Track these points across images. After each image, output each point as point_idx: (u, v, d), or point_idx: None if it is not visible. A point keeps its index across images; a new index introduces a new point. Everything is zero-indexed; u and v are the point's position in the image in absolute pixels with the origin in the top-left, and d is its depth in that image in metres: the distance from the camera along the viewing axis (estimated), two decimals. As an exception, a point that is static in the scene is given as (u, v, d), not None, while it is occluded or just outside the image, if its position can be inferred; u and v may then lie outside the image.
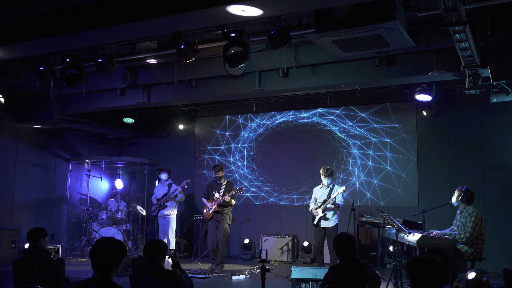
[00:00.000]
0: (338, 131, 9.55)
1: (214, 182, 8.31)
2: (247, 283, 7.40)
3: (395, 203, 8.91)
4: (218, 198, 8.01)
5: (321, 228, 7.49)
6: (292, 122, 10.00)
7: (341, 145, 9.50)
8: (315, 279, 5.70)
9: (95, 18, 5.07)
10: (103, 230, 9.46)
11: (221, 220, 8.04)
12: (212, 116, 10.75)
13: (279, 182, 10.01)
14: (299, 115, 9.93)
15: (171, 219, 9.47)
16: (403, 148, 8.97)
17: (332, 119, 9.61)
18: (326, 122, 9.66)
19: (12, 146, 9.29)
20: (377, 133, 9.20)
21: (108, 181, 11.25)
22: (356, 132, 9.39)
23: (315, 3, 4.48)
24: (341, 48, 5.37)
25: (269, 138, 10.20)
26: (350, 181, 9.34)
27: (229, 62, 5.59)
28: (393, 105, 9.10)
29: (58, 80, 7.68)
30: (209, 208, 8.12)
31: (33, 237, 5.01)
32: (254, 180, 10.24)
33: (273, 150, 10.14)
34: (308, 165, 9.70)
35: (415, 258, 2.79)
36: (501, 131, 8.19)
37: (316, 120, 9.76)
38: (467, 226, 6.08)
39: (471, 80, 6.26)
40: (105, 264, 2.99)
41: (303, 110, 9.88)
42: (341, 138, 9.52)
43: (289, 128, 10.03)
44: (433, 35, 5.86)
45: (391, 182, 9.01)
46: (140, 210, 10.30)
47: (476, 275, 5.77)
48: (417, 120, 8.90)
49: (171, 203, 9.46)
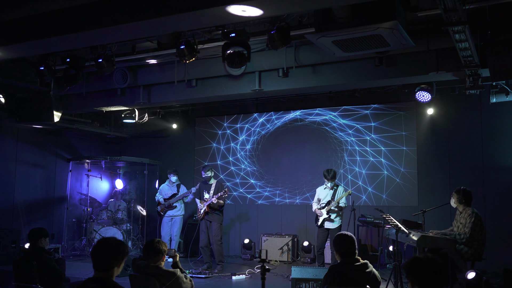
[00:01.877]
0: (338, 131, 9.55)
1: (203, 183, 8.34)
2: (247, 283, 7.40)
3: (395, 203, 8.91)
4: (208, 199, 8.04)
5: (325, 229, 7.51)
6: (292, 122, 10.00)
7: (341, 145, 9.50)
8: (315, 279, 5.70)
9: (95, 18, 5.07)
10: (103, 230, 9.46)
11: (212, 220, 8.08)
12: (212, 116, 10.75)
13: (279, 182, 10.01)
14: (299, 115, 9.93)
15: (179, 220, 9.35)
16: (403, 148, 8.96)
17: (332, 119, 9.61)
18: (326, 122, 9.66)
19: (12, 146, 9.29)
20: (377, 133, 9.20)
21: (108, 181, 11.25)
22: (356, 132, 9.39)
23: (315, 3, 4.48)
24: (341, 48, 5.37)
25: (269, 138, 10.20)
26: (350, 180, 9.34)
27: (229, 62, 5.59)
28: (393, 105, 9.10)
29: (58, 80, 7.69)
30: (199, 208, 8.16)
31: (34, 237, 5.02)
32: (254, 180, 10.24)
33: (273, 150, 10.14)
34: (308, 165, 9.70)
35: (414, 258, 2.79)
36: (501, 131, 8.19)
37: (316, 120, 9.76)
38: (466, 227, 6.08)
39: (471, 80, 6.26)
40: (106, 264, 2.98)
41: (303, 110, 9.88)
42: (341, 138, 9.51)
43: (289, 128, 10.03)
44: (433, 35, 5.86)
45: (391, 182, 9.01)
46: (140, 210, 10.30)
47: (476, 275, 5.77)
48: (417, 120, 8.90)
49: (179, 204, 9.36)
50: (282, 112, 10.08)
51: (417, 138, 8.87)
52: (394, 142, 9.06)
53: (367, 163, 9.26)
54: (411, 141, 8.90)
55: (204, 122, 10.87)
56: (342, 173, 9.40)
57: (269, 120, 10.22)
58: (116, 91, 8.39)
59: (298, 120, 9.95)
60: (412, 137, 8.90)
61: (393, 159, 9.04)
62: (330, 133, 9.61)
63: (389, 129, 9.11)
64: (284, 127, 10.07)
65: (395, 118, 9.07)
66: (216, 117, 10.71)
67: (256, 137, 10.32)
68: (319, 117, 9.74)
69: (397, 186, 8.95)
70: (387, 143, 9.11)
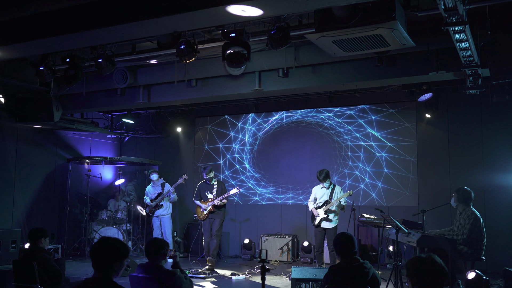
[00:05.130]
0: (338, 130, 9.54)
1: (204, 183, 8.36)
2: (247, 283, 7.40)
3: (395, 203, 8.91)
4: (212, 199, 8.07)
5: (322, 229, 7.50)
6: (292, 122, 10.00)
7: (341, 144, 9.50)
8: (315, 279, 5.70)
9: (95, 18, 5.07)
10: (103, 230, 9.46)
11: (216, 218, 8.21)
12: (212, 116, 10.75)
13: (279, 182, 10.01)
14: (299, 115, 9.93)
15: (168, 219, 9.42)
16: (403, 148, 8.97)
17: (332, 119, 9.61)
18: (326, 122, 9.66)
19: (12, 146, 9.29)
20: (377, 133, 9.20)
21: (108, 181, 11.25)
22: (355, 132, 9.39)
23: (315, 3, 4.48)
24: (341, 48, 5.36)
25: (269, 138, 10.20)
26: (350, 180, 9.34)
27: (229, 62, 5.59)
28: (393, 105, 9.10)
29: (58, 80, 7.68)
30: (203, 209, 8.17)
31: (34, 237, 5.01)
32: (254, 180, 10.24)
33: (273, 150, 10.14)
34: (308, 164, 9.70)
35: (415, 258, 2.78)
36: (501, 131, 8.19)
37: (316, 120, 9.76)
38: (465, 228, 6.09)
39: (471, 80, 6.25)
40: (106, 264, 2.96)
41: (303, 110, 9.88)
42: (341, 137, 9.51)
43: (289, 128, 10.03)
44: (433, 35, 5.85)
45: (391, 182, 9.01)
46: (140, 210, 10.29)
47: (476, 275, 5.77)
48: (417, 120, 8.90)
49: (166, 203, 9.39)
50: (282, 112, 10.08)
51: (417, 138, 8.87)
52: (394, 142, 9.06)
53: (367, 163, 9.25)
54: (411, 141, 8.90)
55: (204, 122, 10.87)
56: (342, 173, 9.40)
57: (269, 120, 10.22)
58: (116, 91, 8.39)
59: (298, 120, 9.95)
60: (412, 137, 8.90)
61: (392, 159, 9.04)
62: (330, 133, 9.61)
63: (389, 129, 9.11)
64: (284, 127, 10.07)
65: (395, 118, 9.06)
66: (216, 117, 10.71)
67: (256, 137, 10.32)
68: (319, 117, 9.74)
69: (397, 186, 8.94)
70: (387, 143, 9.11)
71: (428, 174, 8.72)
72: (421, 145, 8.85)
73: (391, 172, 9.03)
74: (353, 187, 9.23)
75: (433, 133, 8.78)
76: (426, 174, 8.75)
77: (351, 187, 9.22)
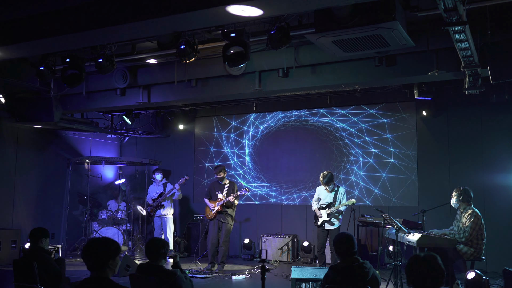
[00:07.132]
0: (338, 131, 9.54)
1: (216, 183, 8.32)
2: (247, 283, 7.40)
3: (395, 203, 8.91)
4: (222, 199, 8.03)
5: (325, 229, 7.52)
6: (292, 122, 10.00)
7: (341, 145, 9.50)
8: (315, 279, 5.70)
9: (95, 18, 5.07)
10: (103, 230, 9.46)
11: (225, 221, 8.08)
12: (212, 116, 10.75)
13: (279, 182, 10.01)
14: (299, 115, 9.93)
15: (169, 219, 9.43)
16: (403, 148, 8.97)
17: (332, 119, 9.61)
18: (326, 122, 9.66)
19: (12, 146, 9.29)
20: (377, 133, 9.20)
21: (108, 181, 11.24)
22: (356, 131, 9.39)
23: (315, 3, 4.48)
24: (341, 48, 5.37)
25: (269, 138, 10.20)
26: (350, 180, 9.34)
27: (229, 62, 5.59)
28: (393, 105, 9.09)
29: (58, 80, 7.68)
30: (211, 208, 8.14)
31: (35, 237, 5.01)
32: (254, 180, 10.24)
33: (273, 150, 10.14)
34: (308, 165, 9.70)
35: (414, 256, 2.79)
36: (501, 131, 8.19)
37: (316, 120, 9.76)
38: (466, 227, 6.09)
39: (471, 80, 6.26)
40: (97, 263, 3.00)
41: (303, 110, 9.88)
42: (341, 138, 9.51)
43: (289, 128, 10.03)
44: (433, 35, 5.86)
45: (391, 182, 9.01)
46: (140, 210, 10.29)
47: (476, 275, 5.77)
48: (417, 120, 8.90)
49: (168, 203, 9.41)
50: (282, 112, 10.08)
51: (417, 138, 8.87)
52: (394, 142, 9.05)
53: (367, 163, 9.25)
54: (411, 141, 8.90)
55: (204, 122, 10.87)
56: (342, 173, 9.40)
57: (269, 120, 10.22)
58: (116, 91, 8.39)
59: (298, 120, 9.95)
60: (412, 137, 8.90)
61: (392, 159, 9.04)
62: (330, 133, 9.60)
63: (389, 129, 9.11)
64: (284, 127, 10.07)
65: (395, 118, 9.06)
66: (216, 117, 10.71)
67: (256, 137, 10.32)
68: (319, 117, 9.73)
69: (397, 186, 8.94)
70: (387, 143, 9.11)
71: (428, 174, 8.72)
72: (421, 145, 8.84)
73: (391, 172, 9.02)
74: (353, 187, 9.23)
75: (433, 133, 8.77)
76: (426, 174, 8.74)
77: (351, 186, 9.22)
